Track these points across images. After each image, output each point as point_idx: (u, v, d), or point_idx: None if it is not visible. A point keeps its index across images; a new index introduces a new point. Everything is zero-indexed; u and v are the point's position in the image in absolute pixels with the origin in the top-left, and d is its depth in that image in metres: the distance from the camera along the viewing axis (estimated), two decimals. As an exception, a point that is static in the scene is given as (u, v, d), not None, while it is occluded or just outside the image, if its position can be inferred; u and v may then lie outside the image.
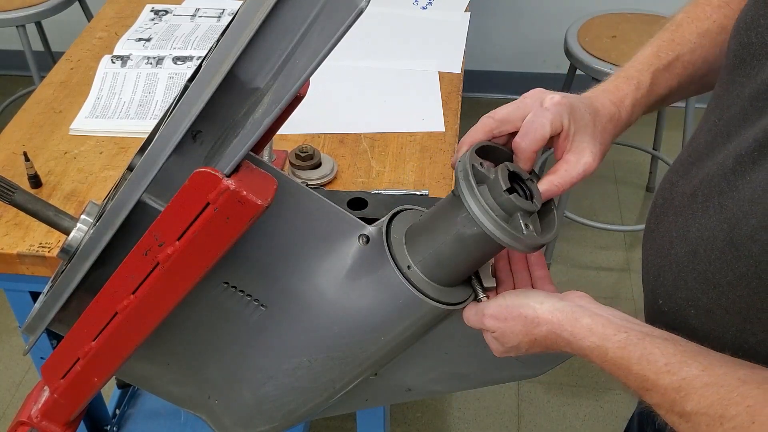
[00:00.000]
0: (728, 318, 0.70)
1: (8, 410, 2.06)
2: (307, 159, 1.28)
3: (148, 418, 1.75)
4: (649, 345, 0.65)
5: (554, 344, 0.71)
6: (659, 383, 0.64)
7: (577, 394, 2.07)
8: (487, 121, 0.76)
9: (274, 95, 0.60)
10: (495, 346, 0.75)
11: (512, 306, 0.72)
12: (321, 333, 0.75)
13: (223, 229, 0.60)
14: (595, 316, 0.69)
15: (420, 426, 2.02)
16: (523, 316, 0.71)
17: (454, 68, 1.57)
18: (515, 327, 0.72)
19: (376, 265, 0.72)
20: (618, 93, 0.82)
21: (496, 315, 0.73)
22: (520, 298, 0.73)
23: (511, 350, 0.74)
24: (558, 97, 0.77)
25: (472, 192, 0.68)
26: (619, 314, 0.70)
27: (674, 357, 0.64)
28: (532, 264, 0.80)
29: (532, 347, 0.73)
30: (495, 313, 0.73)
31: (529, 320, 0.71)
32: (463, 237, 0.70)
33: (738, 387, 0.60)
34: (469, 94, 3.12)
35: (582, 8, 2.43)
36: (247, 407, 0.82)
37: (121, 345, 0.70)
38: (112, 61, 1.58)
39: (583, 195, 2.67)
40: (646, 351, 0.65)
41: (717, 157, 0.71)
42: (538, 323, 0.70)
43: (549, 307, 0.70)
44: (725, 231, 0.67)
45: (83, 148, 1.38)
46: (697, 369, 0.62)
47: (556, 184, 0.75)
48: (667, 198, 0.79)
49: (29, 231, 1.19)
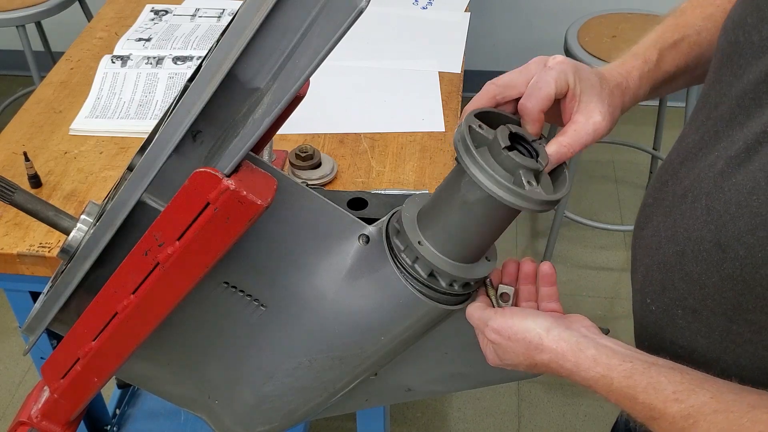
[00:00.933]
0: (714, 318, 0.70)
1: (8, 410, 2.06)
2: (307, 159, 1.28)
3: (148, 418, 1.75)
4: (656, 374, 0.64)
5: (554, 371, 0.70)
6: (667, 412, 0.63)
7: (577, 394, 2.07)
8: (489, 88, 0.74)
9: (274, 95, 0.60)
10: (491, 356, 0.75)
11: (517, 328, 0.71)
12: (321, 333, 0.75)
13: (223, 229, 0.60)
14: (600, 346, 0.68)
15: (420, 426, 2.02)
16: (527, 340, 0.70)
17: (454, 68, 1.57)
18: (517, 348, 0.71)
19: (376, 265, 0.72)
20: (624, 66, 0.80)
21: (500, 331, 0.72)
22: (527, 322, 0.71)
23: (507, 365, 0.74)
24: (561, 57, 0.75)
25: (469, 153, 0.65)
26: (623, 345, 0.69)
27: (681, 385, 0.63)
28: (541, 277, 0.78)
29: (531, 369, 0.72)
30: (499, 328, 0.72)
31: (533, 346, 0.70)
32: (468, 203, 0.67)
33: (748, 412, 0.60)
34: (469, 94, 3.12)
35: (582, 8, 2.43)
36: (247, 407, 0.82)
37: (121, 345, 0.70)
38: (112, 61, 1.58)
39: (583, 195, 2.67)
40: (653, 379, 0.64)
41: (707, 158, 0.71)
42: (542, 350, 0.70)
43: (555, 336, 0.69)
44: (712, 232, 0.67)
45: (83, 148, 1.38)
46: (706, 396, 0.62)
47: (565, 144, 0.71)
48: (656, 198, 0.79)
49: (29, 231, 1.19)
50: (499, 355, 0.73)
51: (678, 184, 0.75)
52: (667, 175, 0.78)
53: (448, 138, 1.40)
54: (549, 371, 0.71)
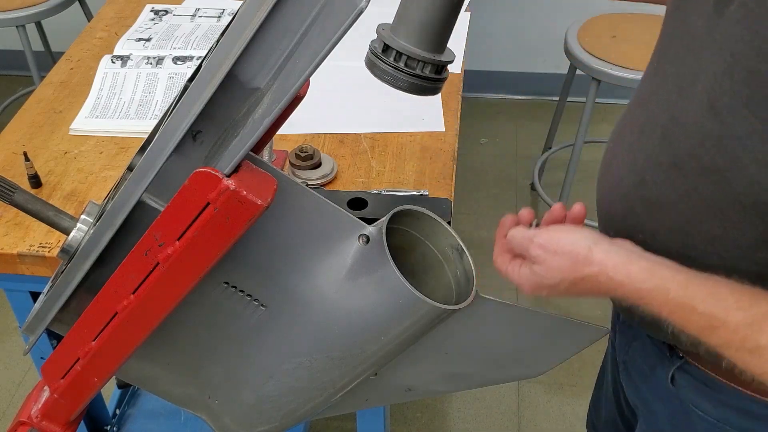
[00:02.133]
0: (671, 237, 0.75)
1: (8, 410, 2.06)
2: (307, 159, 1.28)
3: (148, 418, 1.75)
4: (714, 283, 0.65)
5: (597, 287, 0.70)
6: (729, 320, 0.63)
7: (577, 394, 2.07)
8: None
9: (274, 95, 0.60)
10: (530, 281, 0.74)
11: (565, 242, 0.70)
12: (321, 333, 0.75)
13: (223, 229, 0.60)
14: (652, 258, 0.69)
15: (420, 426, 2.02)
16: (575, 253, 0.70)
17: (454, 68, 1.57)
18: (563, 263, 0.70)
19: (376, 265, 0.72)
20: None
21: (546, 245, 0.71)
22: (575, 235, 0.71)
23: (545, 288, 0.73)
24: None
25: None
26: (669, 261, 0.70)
27: (743, 294, 0.64)
28: (572, 218, 0.79)
29: (571, 289, 0.71)
30: (545, 243, 0.71)
31: (581, 258, 0.69)
32: None
33: None
34: (469, 94, 3.13)
35: (582, 8, 2.43)
36: (247, 407, 0.82)
37: (121, 345, 0.70)
38: (112, 61, 1.58)
39: (584, 195, 2.67)
40: (714, 289, 0.65)
41: (657, 96, 0.77)
42: (590, 263, 0.69)
43: (604, 248, 0.69)
44: (669, 155, 0.73)
45: (83, 148, 1.38)
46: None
47: None
48: (616, 141, 0.84)
49: (29, 231, 1.19)
50: (540, 276, 0.72)
51: (635, 123, 0.81)
52: (624, 121, 0.85)
53: (447, 138, 1.40)
54: (594, 287, 0.70)
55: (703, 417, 0.83)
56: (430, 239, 0.78)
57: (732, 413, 0.80)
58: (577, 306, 2.26)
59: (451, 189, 1.27)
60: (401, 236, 0.77)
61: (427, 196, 1.24)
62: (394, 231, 0.74)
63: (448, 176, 1.30)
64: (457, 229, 0.78)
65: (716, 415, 0.81)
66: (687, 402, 0.84)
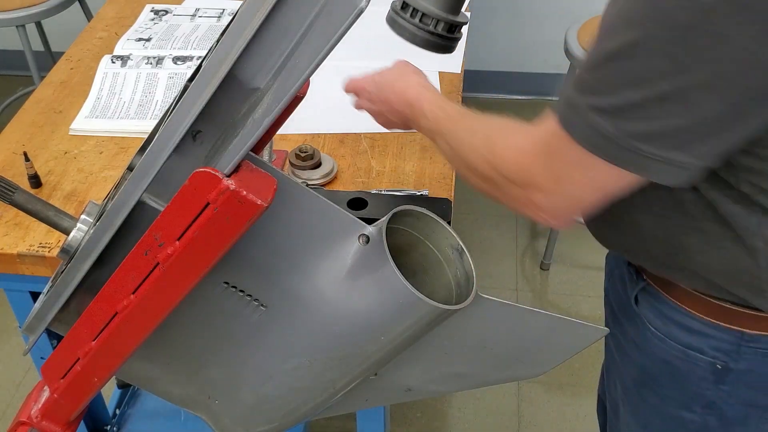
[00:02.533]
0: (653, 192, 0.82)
1: (8, 410, 2.06)
2: (307, 159, 1.28)
3: (148, 418, 1.75)
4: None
5: (406, 90, 1.04)
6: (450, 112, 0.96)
7: (577, 394, 2.07)
8: None
9: (274, 95, 0.60)
10: (368, 101, 1.07)
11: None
12: (321, 333, 0.75)
13: (223, 229, 0.60)
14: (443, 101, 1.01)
15: (420, 426, 2.02)
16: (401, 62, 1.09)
17: (454, 68, 1.57)
18: (392, 70, 1.05)
19: (376, 265, 0.72)
20: None
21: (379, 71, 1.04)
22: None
23: (383, 97, 1.05)
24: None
25: None
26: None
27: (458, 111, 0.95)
28: None
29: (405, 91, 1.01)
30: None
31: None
32: None
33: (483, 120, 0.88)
34: (469, 94, 3.13)
35: (582, 8, 2.43)
36: (247, 407, 0.82)
37: (121, 345, 0.70)
38: (112, 61, 1.58)
39: (583, 195, 2.67)
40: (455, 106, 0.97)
41: None
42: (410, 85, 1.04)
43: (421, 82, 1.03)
44: None
45: (83, 148, 1.38)
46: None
47: None
48: None
49: (29, 231, 1.19)
50: (378, 85, 1.05)
51: None
52: None
53: (448, 138, 1.39)
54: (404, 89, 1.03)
55: (654, 332, 0.94)
56: (430, 239, 0.78)
57: (675, 328, 0.91)
58: (577, 306, 2.26)
59: (451, 189, 1.27)
60: (401, 236, 0.77)
61: (427, 196, 1.24)
62: (394, 231, 0.74)
63: (448, 176, 1.30)
64: (457, 229, 0.78)
65: (664, 330, 0.92)
66: (645, 319, 0.95)
